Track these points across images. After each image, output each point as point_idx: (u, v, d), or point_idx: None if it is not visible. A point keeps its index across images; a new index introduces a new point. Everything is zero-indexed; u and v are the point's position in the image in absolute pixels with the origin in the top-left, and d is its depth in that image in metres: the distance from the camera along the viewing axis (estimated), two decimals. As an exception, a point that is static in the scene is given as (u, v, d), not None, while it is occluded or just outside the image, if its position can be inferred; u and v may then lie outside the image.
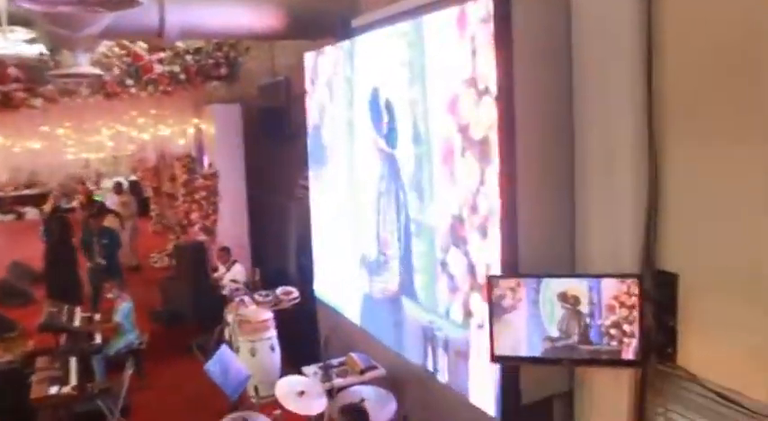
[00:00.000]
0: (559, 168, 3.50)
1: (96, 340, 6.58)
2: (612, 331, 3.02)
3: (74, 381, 5.56)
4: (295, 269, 7.79)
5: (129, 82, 8.06)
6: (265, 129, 8.43)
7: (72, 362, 5.86)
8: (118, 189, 12.84)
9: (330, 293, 5.92)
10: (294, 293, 6.60)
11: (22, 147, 9.38)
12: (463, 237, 3.75)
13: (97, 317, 7.29)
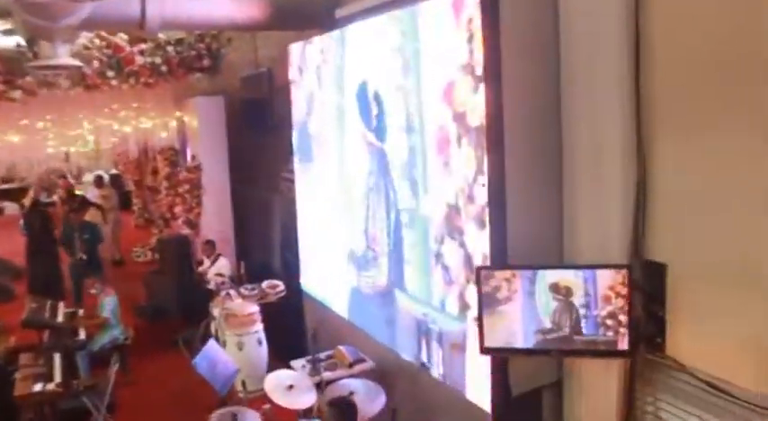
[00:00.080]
0: (548, 160, 3.50)
1: (80, 336, 6.49)
2: (609, 321, 3.02)
3: (58, 378, 5.49)
4: (280, 262, 7.76)
5: (110, 74, 7.92)
6: (248, 121, 8.37)
7: (56, 358, 5.78)
8: (98, 182, 12.71)
9: (317, 287, 5.89)
10: (280, 287, 6.56)
11: (1, 141, 9.23)
12: (459, 228, 3.69)
13: (81, 312, 7.20)
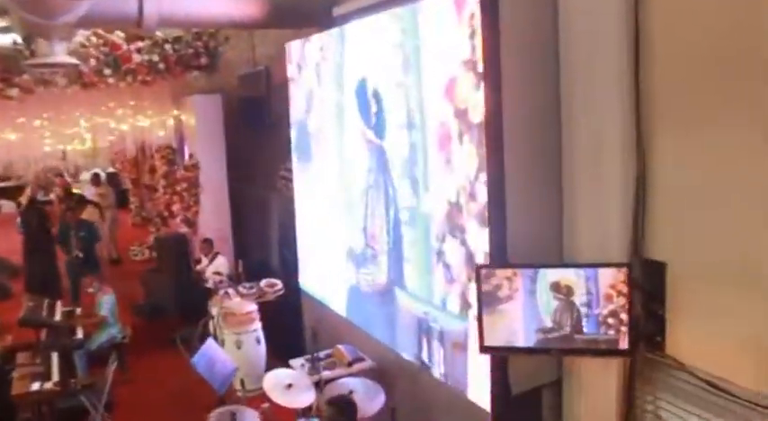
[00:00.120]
0: (547, 158, 3.49)
1: (78, 335, 6.48)
2: (610, 320, 3.01)
3: (56, 377, 5.47)
4: (278, 261, 7.75)
5: (107, 72, 7.89)
6: (246, 119, 8.35)
7: (53, 357, 5.76)
8: (95, 181, 12.67)
9: (316, 286, 5.88)
10: (278, 285, 6.55)
11: (-2, 140, 9.20)
12: (460, 226, 3.68)
13: (78, 311, 7.19)
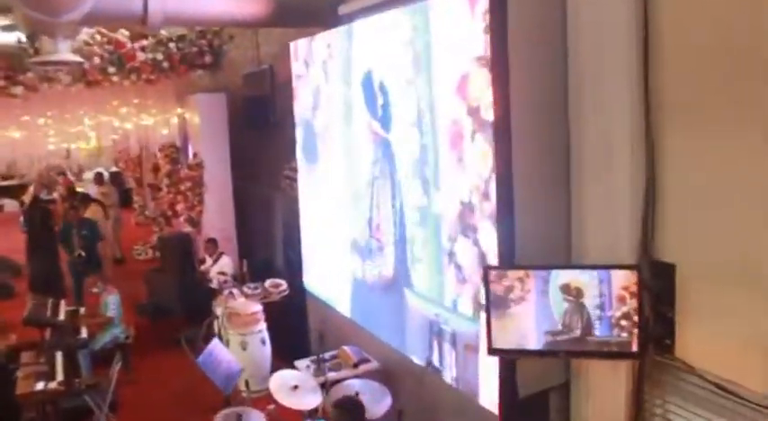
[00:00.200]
0: (556, 159, 3.47)
1: (82, 334, 6.46)
2: (623, 322, 2.99)
3: (60, 377, 5.44)
4: (282, 261, 7.73)
5: (112, 70, 7.89)
6: (250, 118, 8.34)
7: (58, 356, 5.74)
8: (98, 179, 12.66)
9: (320, 286, 5.86)
10: (283, 286, 6.52)
11: (1, 137, 9.22)
12: (473, 226, 3.63)
13: (82, 310, 7.18)
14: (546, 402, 3.72)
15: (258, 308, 6.17)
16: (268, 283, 6.56)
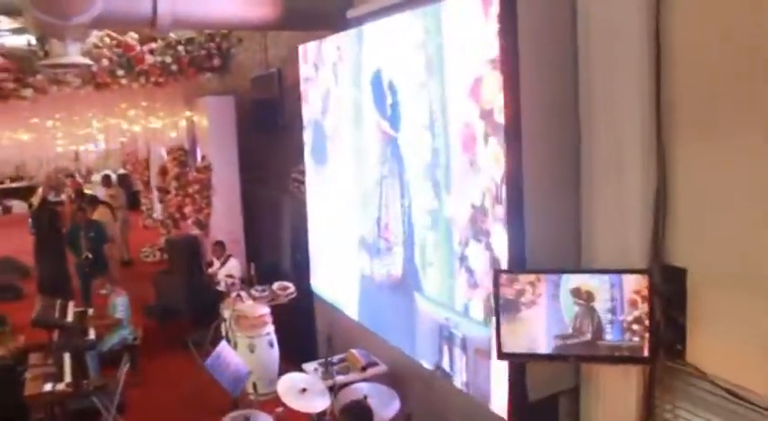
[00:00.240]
0: (566, 162, 3.44)
1: (90, 336, 6.48)
2: (635, 327, 2.96)
3: (68, 378, 5.47)
4: (290, 264, 7.73)
5: (120, 73, 7.92)
6: (258, 121, 8.35)
7: (66, 358, 5.76)
8: (106, 182, 12.72)
9: (328, 289, 5.84)
10: (290, 288, 6.53)
11: (10, 140, 9.25)
12: (485, 230, 3.58)
13: (90, 312, 7.19)
14: (555, 406, 3.69)
15: (266, 310, 6.16)
16: (276, 286, 6.56)
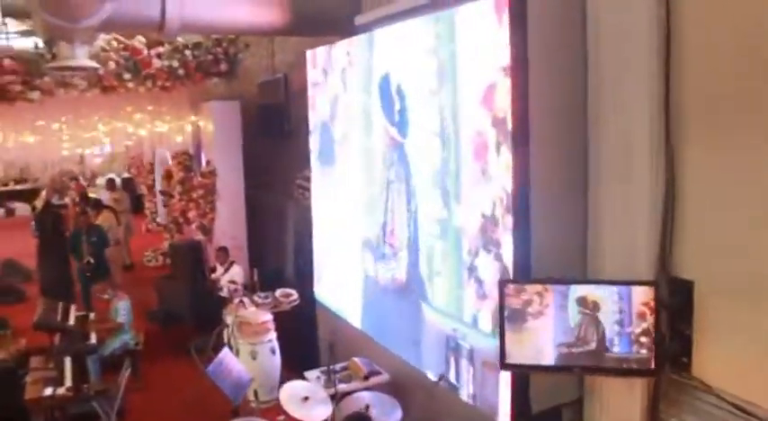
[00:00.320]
0: (573, 169, 3.43)
1: (91, 340, 6.46)
2: (643, 339, 2.94)
3: (69, 382, 5.44)
4: (293, 271, 7.71)
5: (127, 76, 7.94)
6: (264, 126, 8.35)
7: (67, 362, 5.74)
8: (110, 186, 12.74)
9: (331, 297, 5.80)
10: (293, 296, 6.49)
11: (15, 142, 9.28)
12: (495, 240, 3.52)
13: (92, 316, 7.18)
14: (559, 418, 3.66)
15: (269, 317, 6.13)
16: (279, 293, 6.53)
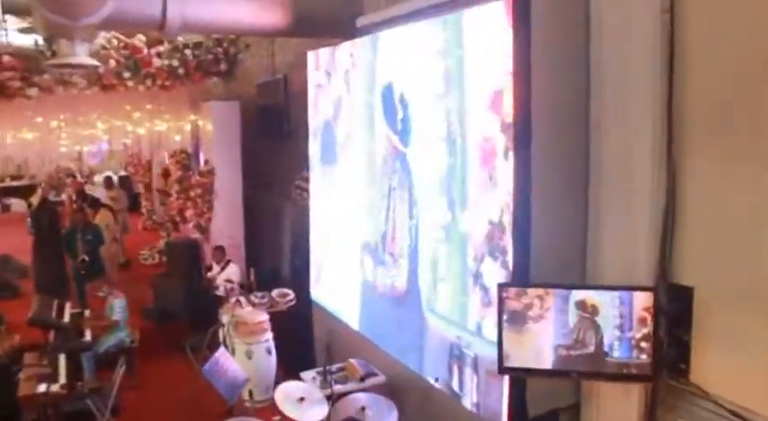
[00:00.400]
0: (574, 176, 3.43)
1: (86, 337, 6.44)
2: (643, 344, 2.94)
3: (63, 379, 5.41)
4: (289, 271, 7.70)
5: (127, 75, 7.92)
6: (263, 127, 8.34)
7: (61, 359, 5.71)
8: (108, 184, 12.72)
9: (329, 298, 5.78)
10: (290, 296, 6.47)
11: (14, 138, 9.26)
12: (502, 247, 3.47)
13: (87, 313, 7.15)
14: (556, 422, 3.67)
15: (265, 317, 6.13)
16: (275, 293, 6.50)
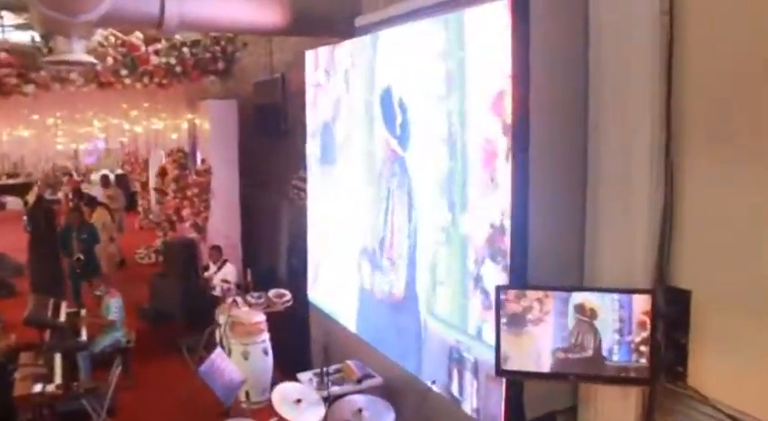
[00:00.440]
0: (572, 179, 3.42)
1: (82, 337, 6.41)
2: (642, 348, 2.94)
3: (59, 379, 5.39)
4: (286, 271, 7.68)
5: (124, 72, 7.89)
6: (260, 126, 8.33)
7: (57, 359, 5.69)
8: (105, 182, 12.66)
9: (326, 300, 5.75)
10: (287, 296, 6.44)
11: (9, 136, 9.22)
12: (503, 251, 3.45)
13: (83, 312, 7.12)
14: (553, 425, 3.66)
15: (262, 318, 6.10)
16: (272, 293, 6.47)
